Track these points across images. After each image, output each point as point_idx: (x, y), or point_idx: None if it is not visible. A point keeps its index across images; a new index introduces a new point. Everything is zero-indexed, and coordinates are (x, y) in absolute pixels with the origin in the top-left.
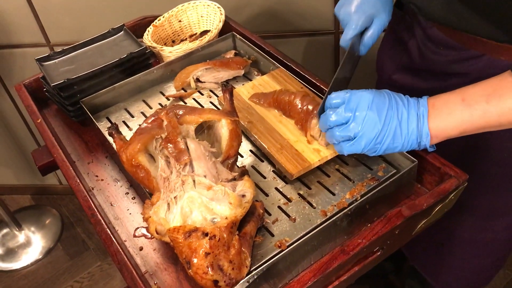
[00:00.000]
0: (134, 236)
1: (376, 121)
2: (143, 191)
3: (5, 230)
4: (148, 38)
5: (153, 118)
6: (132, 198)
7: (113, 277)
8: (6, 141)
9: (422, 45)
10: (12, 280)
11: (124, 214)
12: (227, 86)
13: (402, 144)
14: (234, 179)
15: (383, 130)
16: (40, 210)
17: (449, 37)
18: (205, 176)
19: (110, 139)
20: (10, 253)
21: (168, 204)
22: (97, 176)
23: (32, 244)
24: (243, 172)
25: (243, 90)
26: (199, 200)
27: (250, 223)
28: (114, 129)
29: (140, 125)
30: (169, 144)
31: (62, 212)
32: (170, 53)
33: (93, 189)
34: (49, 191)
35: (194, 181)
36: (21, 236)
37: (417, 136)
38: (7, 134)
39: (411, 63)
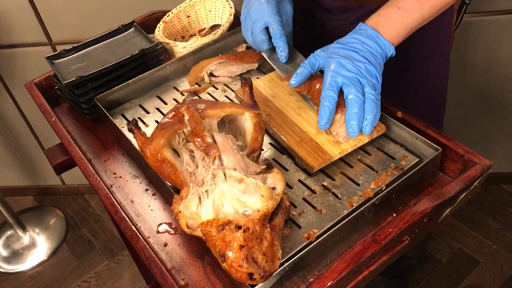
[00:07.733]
0: (158, 232)
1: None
2: (163, 187)
3: (9, 232)
4: (160, 34)
5: (173, 113)
6: (152, 195)
7: (121, 276)
8: (8, 142)
9: (322, 17)
10: (19, 282)
11: (146, 211)
12: (247, 80)
13: (378, 64)
14: (261, 172)
15: (357, 67)
16: (44, 211)
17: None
18: (234, 169)
19: (128, 135)
20: (16, 255)
21: (200, 198)
22: (115, 173)
23: (37, 245)
24: (268, 165)
25: (260, 83)
26: (231, 193)
27: (278, 216)
28: (134, 125)
29: (160, 120)
30: (196, 138)
31: (66, 212)
32: (184, 48)
33: (112, 186)
34: (52, 191)
35: (224, 174)
36: (25, 238)
37: (382, 51)
38: (9, 135)
39: (318, 38)
